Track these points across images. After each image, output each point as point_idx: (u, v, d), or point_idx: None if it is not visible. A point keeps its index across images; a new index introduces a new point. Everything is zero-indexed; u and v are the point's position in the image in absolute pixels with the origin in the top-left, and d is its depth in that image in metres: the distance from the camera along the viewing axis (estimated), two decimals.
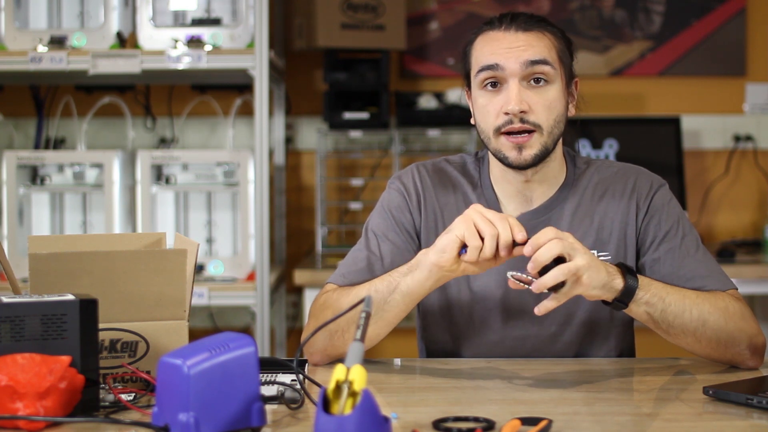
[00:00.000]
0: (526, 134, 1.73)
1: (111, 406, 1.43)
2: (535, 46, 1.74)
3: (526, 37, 1.75)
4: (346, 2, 3.51)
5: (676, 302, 1.64)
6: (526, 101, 1.72)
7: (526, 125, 1.73)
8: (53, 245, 1.60)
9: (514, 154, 1.74)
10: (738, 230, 3.79)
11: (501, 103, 1.74)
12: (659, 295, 1.63)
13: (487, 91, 1.76)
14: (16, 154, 3.19)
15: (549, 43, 1.76)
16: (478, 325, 1.84)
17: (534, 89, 1.74)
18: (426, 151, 3.65)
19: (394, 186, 1.90)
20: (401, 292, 1.67)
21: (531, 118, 1.73)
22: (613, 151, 3.56)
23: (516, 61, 1.72)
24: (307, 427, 1.36)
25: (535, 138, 1.74)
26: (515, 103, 1.71)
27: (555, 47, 1.77)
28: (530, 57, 1.73)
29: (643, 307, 1.62)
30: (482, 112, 1.77)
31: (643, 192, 1.84)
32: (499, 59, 1.73)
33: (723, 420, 1.41)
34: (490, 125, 1.76)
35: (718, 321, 1.67)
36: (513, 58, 1.73)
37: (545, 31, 1.77)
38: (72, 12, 3.35)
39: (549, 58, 1.74)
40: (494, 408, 1.44)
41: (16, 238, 3.16)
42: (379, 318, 1.69)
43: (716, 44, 3.79)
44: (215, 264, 3.17)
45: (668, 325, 1.65)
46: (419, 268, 1.65)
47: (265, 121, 3.11)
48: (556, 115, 1.75)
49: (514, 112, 1.72)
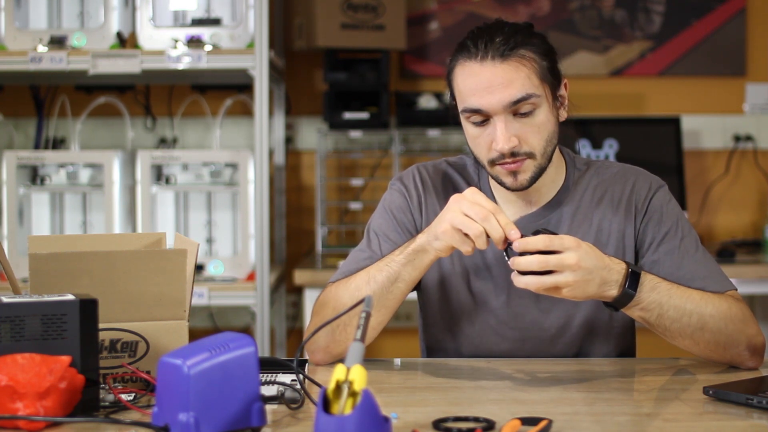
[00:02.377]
0: (520, 162, 1.73)
1: (111, 406, 1.43)
2: (515, 81, 1.69)
3: (504, 71, 1.69)
4: (346, 2, 3.51)
5: (675, 308, 1.64)
6: (514, 136, 1.71)
7: (518, 157, 1.73)
8: (53, 245, 1.60)
9: (510, 179, 1.75)
10: (738, 230, 3.79)
11: (490, 139, 1.73)
12: (658, 301, 1.62)
13: (476, 126, 1.76)
14: (16, 154, 3.19)
15: (528, 71, 1.71)
16: (478, 325, 1.84)
17: (521, 120, 1.72)
18: (426, 151, 3.65)
19: (395, 187, 1.91)
20: (405, 281, 1.70)
21: (523, 149, 1.72)
22: (613, 151, 3.56)
23: (498, 103, 1.70)
24: (307, 427, 1.36)
25: (529, 163, 1.74)
26: (503, 143, 1.70)
27: (535, 71, 1.72)
28: (511, 98, 1.69)
29: (638, 312, 1.63)
30: (474, 143, 1.78)
31: (642, 193, 1.84)
32: (481, 102, 1.71)
33: (723, 420, 1.41)
34: (483, 156, 1.77)
35: (718, 324, 1.67)
36: (495, 100, 1.70)
37: (523, 56, 1.71)
38: (72, 12, 3.35)
39: (531, 89, 1.70)
40: (494, 408, 1.44)
41: (16, 238, 3.16)
42: (381, 306, 1.71)
43: (716, 44, 3.79)
44: (215, 264, 3.17)
45: (664, 328, 1.65)
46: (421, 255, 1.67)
47: (265, 121, 3.11)
48: (547, 135, 1.75)
49: (504, 152, 1.72)
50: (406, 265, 1.69)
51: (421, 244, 1.67)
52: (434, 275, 1.86)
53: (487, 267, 1.83)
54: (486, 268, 1.83)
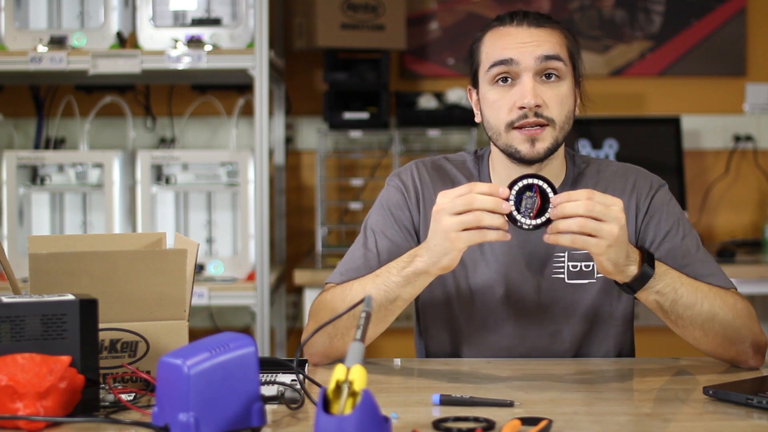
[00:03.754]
0: (539, 128, 1.73)
1: (111, 406, 1.43)
2: (548, 42, 1.75)
3: (539, 33, 1.76)
4: (346, 2, 3.51)
5: (688, 294, 1.64)
6: (540, 95, 1.73)
7: (540, 119, 1.73)
8: (53, 245, 1.60)
9: (526, 147, 1.74)
10: (738, 230, 3.79)
11: (514, 98, 1.74)
12: (672, 285, 1.63)
13: (499, 87, 1.76)
14: (16, 154, 3.19)
15: (561, 40, 1.77)
16: (477, 322, 1.84)
17: (547, 84, 1.75)
18: (426, 151, 3.65)
19: (392, 183, 1.90)
20: (403, 300, 1.67)
21: (545, 113, 1.73)
22: (613, 151, 3.56)
23: (530, 56, 1.73)
24: (307, 427, 1.36)
25: (548, 132, 1.74)
26: (531, 97, 1.71)
27: (566, 45, 1.78)
28: (544, 52, 1.74)
29: (653, 295, 1.62)
30: (493, 107, 1.77)
31: (643, 192, 1.84)
32: (512, 54, 1.74)
33: (723, 420, 1.41)
34: (501, 120, 1.75)
35: (727, 316, 1.67)
36: (527, 52, 1.73)
37: (556, 28, 1.78)
38: (72, 12, 3.35)
39: (561, 55, 1.76)
40: (494, 408, 1.44)
41: (16, 238, 3.16)
42: (378, 321, 1.69)
43: (716, 44, 3.79)
44: (215, 264, 3.17)
45: (677, 315, 1.65)
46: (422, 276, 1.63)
47: (265, 121, 3.11)
48: (567, 110, 1.76)
49: (530, 106, 1.72)
50: (405, 286, 1.65)
51: (423, 268, 1.61)
52: None
53: (485, 262, 1.83)
54: (484, 263, 1.83)
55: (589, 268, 1.82)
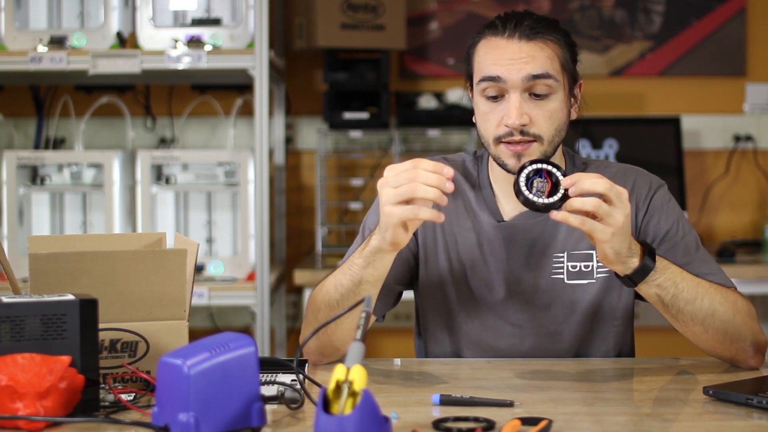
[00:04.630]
0: (526, 143, 1.73)
1: (111, 406, 1.43)
2: (538, 59, 1.72)
3: (529, 49, 1.72)
4: (346, 2, 3.51)
5: (689, 289, 1.64)
6: (526, 114, 1.71)
7: (526, 137, 1.72)
8: (53, 245, 1.60)
9: (513, 161, 1.74)
10: (738, 230, 3.79)
11: (501, 114, 1.73)
12: (673, 279, 1.62)
13: (488, 100, 1.76)
14: (16, 154, 3.19)
15: (551, 53, 1.74)
16: (477, 322, 1.84)
17: (535, 101, 1.73)
18: (426, 151, 3.65)
19: None
20: (369, 282, 1.65)
21: (531, 130, 1.72)
22: (613, 151, 3.56)
23: (518, 74, 1.71)
24: (307, 427, 1.36)
25: (535, 147, 1.73)
26: (515, 117, 1.70)
27: (558, 56, 1.75)
28: (532, 71, 1.71)
29: (654, 289, 1.62)
30: (483, 119, 1.77)
31: (643, 192, 1.84)
32: (500, 71, 1.72)
33: (723, 420, 1.41)
34: (490, 133, 1.75)
35: (727, 313, 1.67)
36: (515, 71, 1.71)
37: (548, 40, 1.74)
38: (72, 12, 3.35)
39: (551, 71, 1.72)
40: (494, 408, 1.44)
41: (16, 238, 3.16)
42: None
43: (716, 44, 3.79)
44: (215, 264, 3.17)
45: (678, 310, 1.65)
46: (379, 255, 1.62)
47: (265, 121, 3.11)
48: (557, 124, 1.75)
49: (514, 126, 1.71)
50: (367, 267, 1.64)
51: (377, 246, 1.61)
52: (432, 273, 1.85)
53: (485, 262, 1.83)
54: (484, 263, 1.83)
55: (589, 268, 1.82)
